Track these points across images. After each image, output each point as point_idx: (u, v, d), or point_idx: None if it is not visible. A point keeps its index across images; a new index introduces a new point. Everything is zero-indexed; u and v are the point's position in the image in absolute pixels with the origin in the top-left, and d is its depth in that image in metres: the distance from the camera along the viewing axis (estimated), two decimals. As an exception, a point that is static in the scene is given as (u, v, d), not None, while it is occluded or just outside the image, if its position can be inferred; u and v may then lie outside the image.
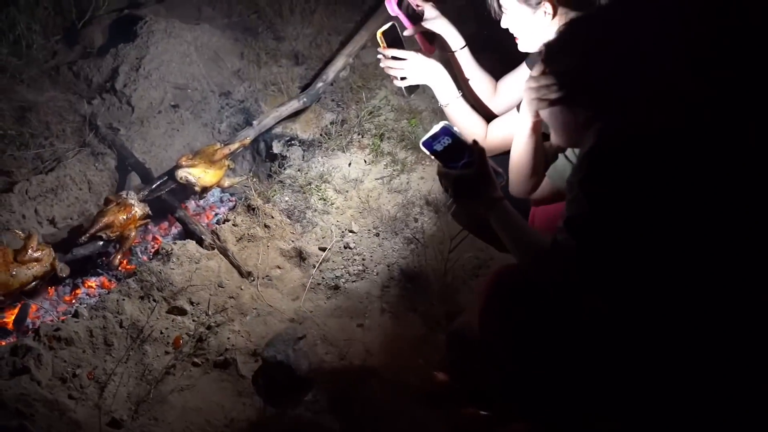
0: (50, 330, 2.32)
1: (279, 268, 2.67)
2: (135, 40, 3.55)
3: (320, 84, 3.49)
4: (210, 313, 2.45)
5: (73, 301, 2.89)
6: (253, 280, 2.59)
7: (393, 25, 2.34)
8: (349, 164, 3.10)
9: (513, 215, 1.69)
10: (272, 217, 2.79)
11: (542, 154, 1.97)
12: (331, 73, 3.54)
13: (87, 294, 2.92)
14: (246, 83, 3.58)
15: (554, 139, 1.76)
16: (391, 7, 2.48)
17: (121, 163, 3.18)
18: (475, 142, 1.71)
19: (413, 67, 2.32)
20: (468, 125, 2.36)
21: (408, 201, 2.92)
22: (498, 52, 2.95)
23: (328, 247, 2.73)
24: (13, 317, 2.75)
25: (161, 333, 2.38)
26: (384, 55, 2.33)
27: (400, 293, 2.56)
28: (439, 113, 3.01)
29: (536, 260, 1.62)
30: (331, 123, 3.33)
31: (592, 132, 1.51)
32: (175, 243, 2.68)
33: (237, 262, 2.63)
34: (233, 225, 2.78)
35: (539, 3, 2.15)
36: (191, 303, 2.49)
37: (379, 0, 4.04)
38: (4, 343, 2.60)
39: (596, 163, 1.49)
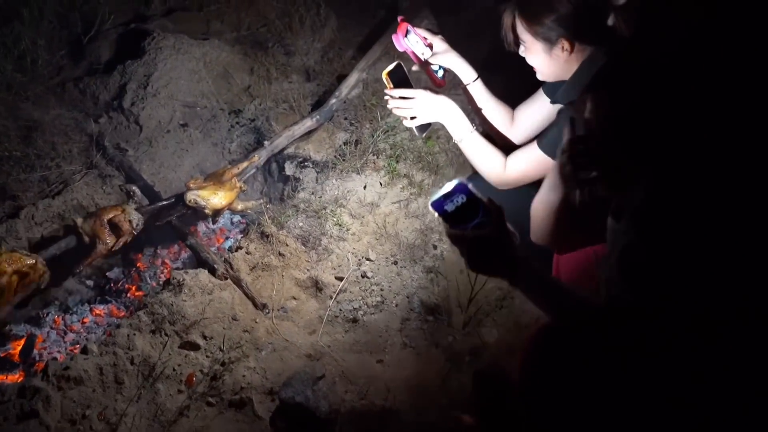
0: (59, 369, 2.23)
1: (294, 299, 2.58)
2: (143, 56, 3.45)
3: (333, 101, 3.41)
4: (224, 348, 2.35)
5: (81, 330, 2.80)
6: (268, 313, 2.50)
7: (399, 64, 2.27)
8: (365, 187, 3.00)
9: (541, 277, 1.54)
10: (287, 245, 2.69)
11: (570, 210, 1.86)
12: (344, 89, 3.45)
13: (95, 322, 2.84)
14: (256, 100, 3.49)
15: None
16: (399, 43, 2.41)
17: (129, 182, 3.08)
18: (490, 200, 1.57)
19: (423, 106, 2.25)
20: (485, 160, 2.28)
21: (426, 227, 2.82)
22: (512, 71, 2.88)
23: (345, 277, 2.63)
24: (19, 349, 2.67)
25: (174, 370, 2.29)
26: (391, 96, 2.25)
27: (421, 326, 2.47)
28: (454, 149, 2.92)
29: (586, 322, 1.50)
30: (345, 143, 3.24)
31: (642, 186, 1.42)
32: (186, 272, 2.59)
33: (251, 293, 2.53)
34: (246, 253, 2.69)
35: (557, 40, 2.07)
36: (204, 337, 2.40)
37: (392, 12, 3.97)
38: (10, 378, 2.51)
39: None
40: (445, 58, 2.42)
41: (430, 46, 2.45)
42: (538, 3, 2.07)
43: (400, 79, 2.26)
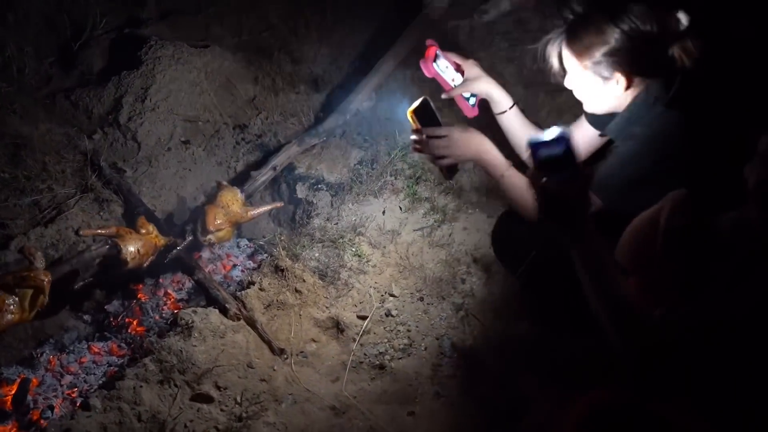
0: (59, 430, 2.01)
1: (314, 341, 2.37)
2: (140, 66, 3.20)
3: (339, 120, 3.15)
4: (240, 400, 2.15)
5: (79, 371, 2.58)
6: (287, 358, 2.30)
7: (425, 101, 2.05)
8: (383, 212, 2.80)
9: (603, 251, 1.50)
10: (303, 280, 2.49)
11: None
12: (352, 107, 3.19)
13: (94, 362, 2.61)
14: (262, 114, 3.26)
15: None
16: (428, 69, 2.20)
17: (129, 210, 2.85)
18: (584, 164, 1.48)
19: (454, 146, 2.03)
20: (524, 197, 2.07)
21: (452, 257, 2.63)
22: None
23: (369, 316, 2.43)
24: (11, 395, 2.44)
25: (186, 427, 2.08)
26: (418, 137, 2.04)
27: (454, 373, 2.27)
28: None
29: (627, 327, 1.44)
30: (360, 162, 3.03)
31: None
32: (195, 312, 2.38)
33: (267, 336, 2.33)
34: (260, 289, 2.48)
35: (611, 74, 1.87)
36: (218, 388, 2.19)
37: (405, 14, 3.74)
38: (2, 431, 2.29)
39: None
40: (479, 85, 2.21)
41: (462, 72, 2.24)
42: (589, 34, 1.87)
43: (428, 117, 2.04)
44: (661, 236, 1.57)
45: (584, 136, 2.18)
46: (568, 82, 2.01)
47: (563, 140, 1.43)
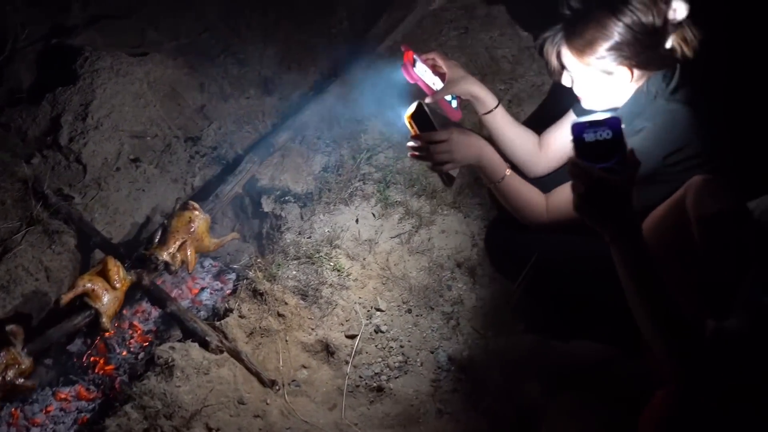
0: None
1: (305, 367, 2.26)
2: (76, 81, 2.97)
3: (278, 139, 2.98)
4: (236, 442, 2.01)
5: (46, 421, 2.38)
6: (279, 389, 2.17)
7: (420, 104, 1.95)
8: (357, 221, 2.68)
9: (647, 258, 1.37)
10: (285, 303, 2.35)
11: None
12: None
13: (62, 409, 2.42)
14: (215, 124, 3.08)
15: None
16: (409, 74, 2.10)
17: (83, 240, 2.64)
18: (632, 151, 1.38)
19: (455, 151, 1.94)
20: (524, 201, 2.01)
21: (435, 263, 2.54)
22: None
23: (358, 335, 2.32)
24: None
25: (180, 478, 1.94)
26: (416, 143, 1.93)
27: (454, 387, 2.20)
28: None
29: (681, 342, 1.33)
30: (325, 169, 2.89)
31: None
32: (174, 349, 2.22)
33: (255, 367, 2.19)
34: (240, 316, 2.33)
35: (615, 68, 1.81)
36: (210, 430, 2.05)
37: (354, 7, 3.61)
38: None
39: None
40: (462, 86, 2.12)
41: (440, 74, 2.14)
42: (590, 30, 1.80)
43: (424, 121, 1.94)
44: (696, 226, 1.49)
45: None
46: (566, 80, 1.94)
47: (616, 124, 1.33)
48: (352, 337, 2.33)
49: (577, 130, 1.35)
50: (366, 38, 3.41)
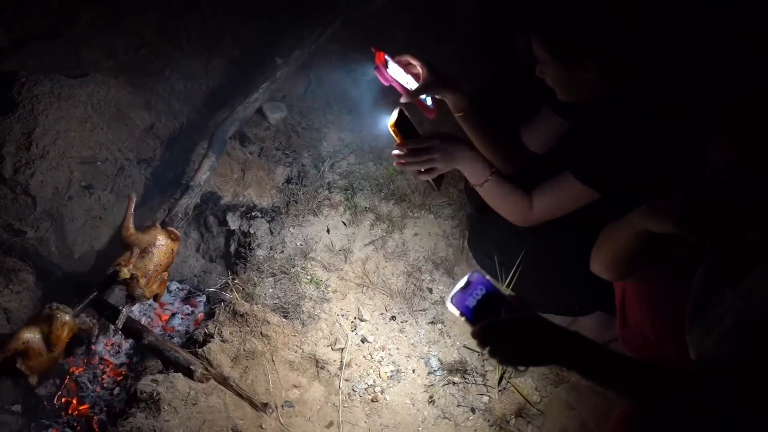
0: None
1: (296, 387, 2.20)
2: (15, 109, 2.80)
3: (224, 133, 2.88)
4: (236, 473, 1.95)
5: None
6: (272, 412, 2.11)
7: (401, 111, 1.92)
8: (328, 230, 2.64)
9: (603, 352, 1.32)
10: (267, 322, 2.29)
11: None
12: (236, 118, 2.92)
13: (37, 457, 2.29)
14: (166, 142, 2.96)
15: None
16: (383, 76, 2.07)
17: (41, 275, 2.50)
18: (517, 296, 1.38)
19: (440, 155, 1.92)
20: (508, 200, 2.01)
21: (412, 267, 2.52)
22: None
23: (345, 347, 2.28)
24: None
25: None
26: (401, 150, 1.90)
27: (450, 392, 2.19)
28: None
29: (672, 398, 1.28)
30: (288, 180, 2.83)
31: None
32: (156, 382, 2.13)
33: (245, 392, 2.12)
34: (222, 341, 2.26)
35: (582, 61, 1.82)
36: (207, 463, 1.97)
37: (294, 10, 3.55)
38: None
39: None
40: (434, 86, 2.09)
41: (414, 74, 2.12)
42: (557, 22, 1.80)
43: (406, 127, 1.91)
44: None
45: (550, 127, 2.13)
46: (539, 72, 1.94)
47: (481, 280, 1.34)
48: (339, 350, 2.28)
49: (459, 302, 1.35)
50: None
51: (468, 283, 1.36)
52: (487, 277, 1.36)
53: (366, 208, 2.70)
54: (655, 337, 1.69)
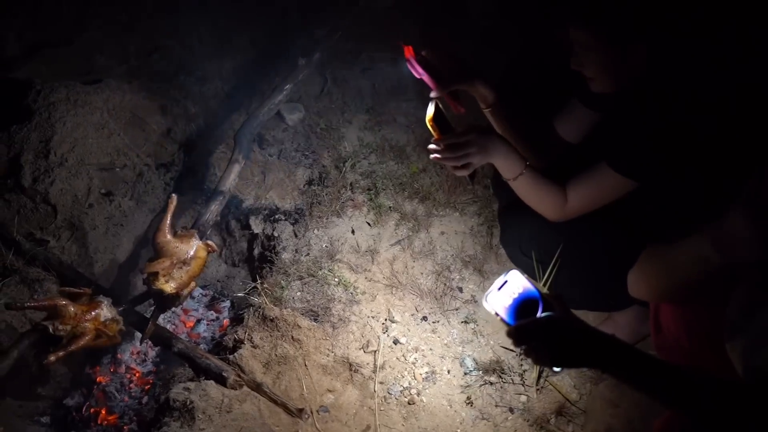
0: None
1: (330, 391, 2.16)
2: (32, 117, 2.77)
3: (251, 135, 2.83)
4: (275, 480, 1.91)
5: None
6: (308, 417, 2.07)
7: (437, 105, 1.88)
8: (353, 231, 2.61)
9: (641, 355, 1.27)
10: (298, 326, 2.25)
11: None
12: (261, 120, 2.90)
13: (67, 470, 2.26)
14: (184, 147, 2.93)
15: None
16: (416, 69, 2.00)
17: (65, 284, 2.46)
18: (554, 294, 1.35)
19: (476, 149, 1.88)
20: (543, 195, 1.96)
21: (441, 266, 2.49)
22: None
23: (378, 349, 2.25)
24: None
25: None
26: (438, 146, 1.87)
27: (487, 392, 2.15)
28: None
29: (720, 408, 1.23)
30: (310, 182, 2.80)
31: None
32: (189, 390, 2.09)
33: (279, 398, 2.09)
34: (252, 347, 2.22)
35: (628, 45, 1.78)
36: (245, 471, 1.94)
37: (306, 9, 3.52)
38: None
39: None
40: (461, 80, 2.05)
41: (443, 69, 2.07)
42: (618, 4, 1.75)
43: (442, 122, 1.88)
44: None
45: (582, 117, 2.09)
46: (577, 64, 1.90)
47: (518, 278, 1.33)
48: (372, 352, 2.25)
49: (495, 303, 1.33)
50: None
51: (505, 282, 1.34)
52: (525, 276, 1.34)
53: (390, 207, 2.67)
54: (690, 346, 1.64)
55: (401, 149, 2.91)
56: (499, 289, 1.34)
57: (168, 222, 2.27)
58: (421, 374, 2.20)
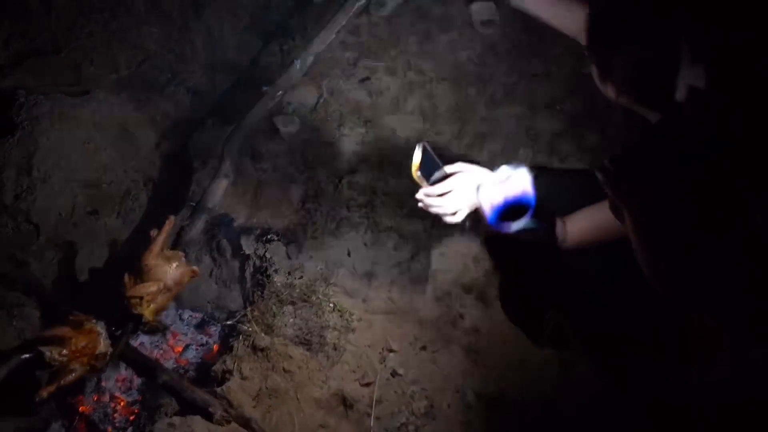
0: None
1: (323, 427, 2.05)
2: (14, 132, 2.65)
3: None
4: None
5: None
6: (300, 456, 1.96)
7: (424, 149, 1.74)
8: (348, 253, 2.49)
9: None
10: (290, 357, 2.14)
11: None
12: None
13: None
14: (174, 161, 2.81)
15: None
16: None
17: (47, 310, 2.35)
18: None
19: (463, 198, 1.76)
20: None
21: (442, 291, 2.37)
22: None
23: (374, 381, 2.13)
24: None
25: None
26: (427, 197, 1.74)
27: (488, 427, 2.03)
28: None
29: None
30: (304, 199, 2.68)
31: None
32: (174, 426, 1.98)
33: (269, 435, 1.97)
34: (241, 378, 2.11)
35: None
36: None
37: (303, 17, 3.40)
38: None
39: None
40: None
41: None
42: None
43: (430, 168, 1.75)
44: None
45: None
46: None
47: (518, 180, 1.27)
48: (368, 384, 2.13)
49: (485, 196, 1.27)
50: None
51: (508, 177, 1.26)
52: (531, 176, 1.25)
53: (388, 227, 2.55)
54: None
55: (399, 164, 2.78)
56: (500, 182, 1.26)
57: (161, 243, 2.16)
58: (419, 409, 2.08)
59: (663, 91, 1.57)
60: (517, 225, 1.28)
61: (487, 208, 1.25)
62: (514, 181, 1.26)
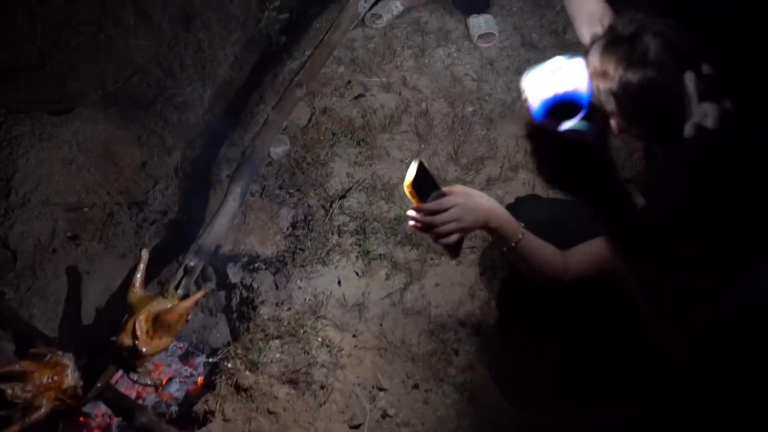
0: None
1: (309, 473, 1.94)
2: (-8, 153, 2.55)
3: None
4: None
5: None
6: (284, 506, 1.85)
7: (420, 165, 1.58)
8: (339, 282, 2.38)
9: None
10: (275, 397, 2.03)
11: None
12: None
13: None
14: (160, 183, 2.71)
15: None
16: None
17: (22, 344, 2.25)
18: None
19: (463, 216, 1.60)
20: (542, 262, 1.72)
21: (435, 324, 2.26)
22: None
23: (363, 423, 2.02)
24: None
25: None
26: (418, 214, 1.59)
27: (483, 476, 1.93)
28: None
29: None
30: (294, 224, 2.57)
31: None
32: (151, 474, 1.87)
33: (252, 483, 1.87)
34: (224, 420, 2.00)
35: None
36: None
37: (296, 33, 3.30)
38: None
39: None
40: None
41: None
42: None
43: (425, 183, 1.60)
44: None
45: None
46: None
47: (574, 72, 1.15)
48: (357, 427, 2.03)
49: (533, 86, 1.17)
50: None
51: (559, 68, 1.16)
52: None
53: (380, 255, 2.44)
54: None
55: (393, 188, 2.68)
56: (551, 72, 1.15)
57: (140, 281, 2.06)
58: (411, 454, 1.97)
59: (671, 127, 1.48)
60: (567, 124, 1.16)
61: (534, 101, 1.13)
62: (567, 74, 1.14)
